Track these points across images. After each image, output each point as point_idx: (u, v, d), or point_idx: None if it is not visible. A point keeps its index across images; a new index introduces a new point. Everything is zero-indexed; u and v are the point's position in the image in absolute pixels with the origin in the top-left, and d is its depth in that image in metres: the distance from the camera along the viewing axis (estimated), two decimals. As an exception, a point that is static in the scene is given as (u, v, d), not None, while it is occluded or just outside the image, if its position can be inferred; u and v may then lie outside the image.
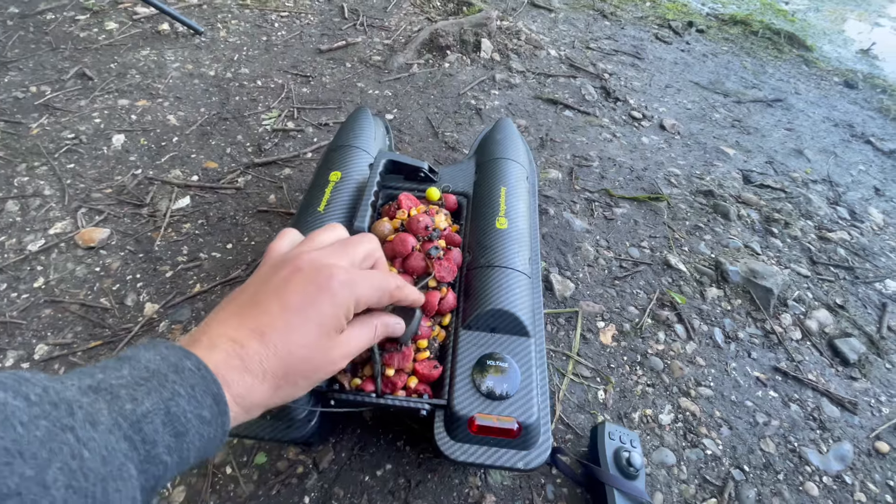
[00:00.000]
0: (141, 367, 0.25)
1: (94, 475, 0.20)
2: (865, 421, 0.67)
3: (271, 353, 0.29)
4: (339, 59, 1.28)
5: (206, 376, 0.26)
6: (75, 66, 1.15)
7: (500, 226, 0.57)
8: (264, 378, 0.29)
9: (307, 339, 0.31)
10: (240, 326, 0.30)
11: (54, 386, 0.21)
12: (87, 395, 0.22)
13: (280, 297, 0.31)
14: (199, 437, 0.26)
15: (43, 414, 0.20)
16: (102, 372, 0.24)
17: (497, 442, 0.44)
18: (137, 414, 0.23)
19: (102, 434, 0.21)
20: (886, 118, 1.37)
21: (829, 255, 0.90)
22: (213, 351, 0.28)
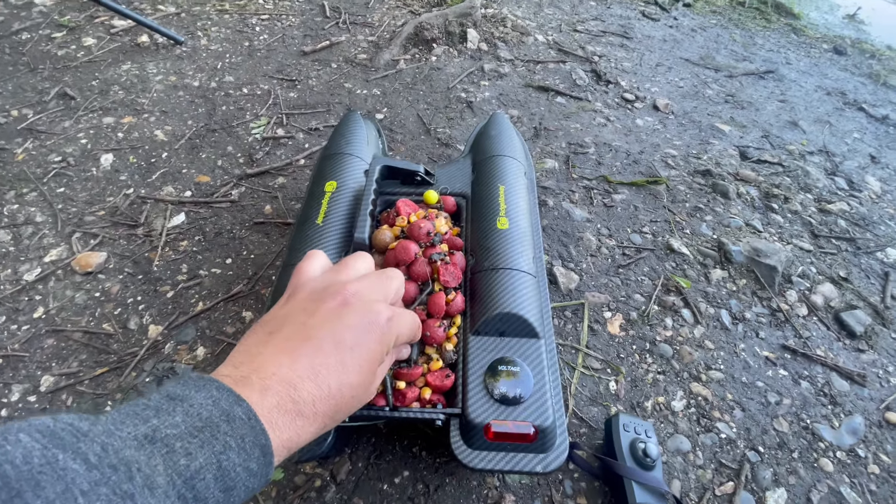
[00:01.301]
0: (194, 413, 0.24)
1: None
2: (875, 392, 0.67)
3: (325, 395, 0.29)
4: (324, 59, 1.25)
5: (255, 426, 0.26)
6: (56, 85, 1.13)
7: (502, 226, 0.57)
8: (315, 419, 0.29)
9: (358, 379, 0.31)
10: (293, 364, 0.29)
11: (113, 444, 0.21)
12: (144, 448, 0.22)
13: (333, 334, 0.31)
14: (245, 490, 0.25)
15: (103, 480, 0.19)
16: (157, 417, 0.24)
17: (514, 447, 0.44)
18: (191, 470, 0.23)
19: (159, 499, 0.21)
20: (877, 84, 1.36)
21: (829, 227, 0.90)
22: (266, 394, 0.27)
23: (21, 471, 0.18)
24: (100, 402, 0.63)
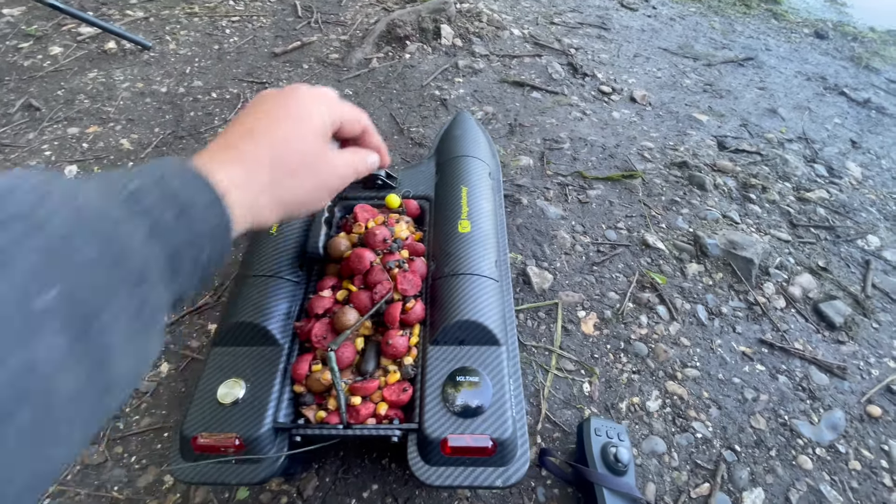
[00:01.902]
0: (121, 170, 0.25)
1: (92, 218, 0.20)
2: (856, 385, 0.66)
3: (263, 144, 0.31)
4: (295, 60, 1.23)
5: (188, 168, 0.27)
6: (21, 97, 1.10)
7: (463, 229, 0.55)
8: (259, 165, 0.31)
9: (293, 133, 0.33)
10: (228, 135, 0.32)
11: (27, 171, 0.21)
12: (64, 178, 0.22)
13: (261, 111, 0.34)
14: (204, 220, 0.26)
15: (30, 174, 0.20)
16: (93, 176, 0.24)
17: (473, 461, 0.42)
18: (130, 188, 0.23)
19: (92, 192, 0.22)
20: (859, 67, 1.35)
21: (808, 216, 0.89)
22: (206, 152, 0.30)
23: None
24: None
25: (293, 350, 0.48)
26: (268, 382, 0.45)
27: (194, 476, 0.43)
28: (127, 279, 0.21)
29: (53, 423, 0.17)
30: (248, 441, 0.42)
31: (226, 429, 0.43)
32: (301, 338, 0.48)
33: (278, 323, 0.48)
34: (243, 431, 0.42)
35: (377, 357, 0.48)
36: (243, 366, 0.46)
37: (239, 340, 0.48)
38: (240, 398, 0.44)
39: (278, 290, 0.50)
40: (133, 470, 0.56)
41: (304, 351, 0.48)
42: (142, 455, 0.57)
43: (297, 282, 0.52)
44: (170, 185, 0.25)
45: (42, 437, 0.17)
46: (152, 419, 0.60)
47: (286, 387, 0.46)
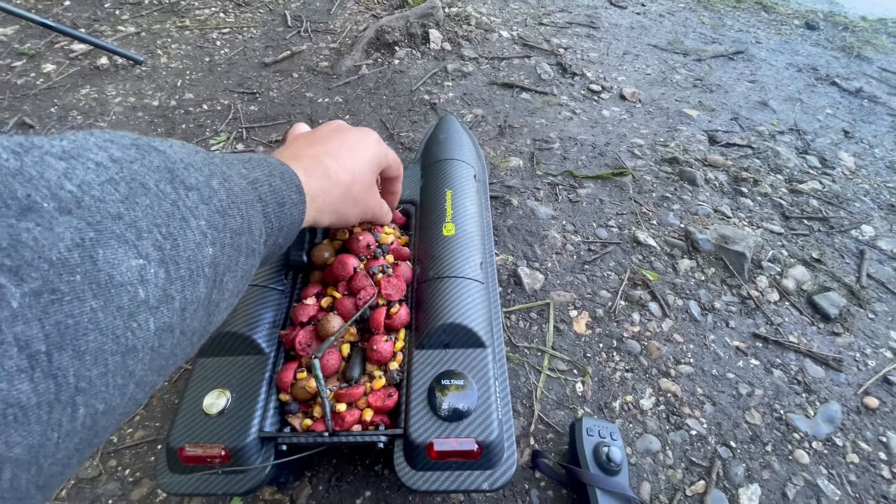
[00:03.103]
0: (240, 154, 0.31)
1: (238, 197, 0.26)
2: (852, 377, 0.66)
3: (342, 167, 0.39)
4: (285, 70, 1.24)
5: (289, 170, 0.33)
6: (15, 115, 1.11)
7: (448, 232, 0.55)
8: (337, 184, 0.38)
9: (363, 167, 0.41)
10: (315, 150, 0.39)
11: (187, 144, 0.26)
12: (216, 156, 0.27)
13: (341, 138, 0.42)
14: (290, 215, 0.32)
15: (194, 150, 0.25)
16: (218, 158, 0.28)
17: (459, 465, 0.42)
18: (251, 177, 0.29)
19: (236, 176, 0.27)
20: (850, 56, 1.34)
21: (801, 207, 0.88)
22: (298, 159, 0.36)
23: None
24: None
25: (278, 359, 0.48)
26: (253, 392, 0.45)
27: (182, 488, 0.43)
28: (247, 249, 0.26)
29: (176, 355, 0.21)
30: (234, 451, 0.42)
31: (212, 439, 0.43)
32: (286, 346, 0.48)
33: (263, 332, 0.48)
34: (229, 441, 0.42)
35: (363, 363, 0.47)
36: (229, 375, 0.46)
37: (224, 350, 0.48)
38: (225, 408, 0.44)
39: (263, 299, 0.50)
40: (127, 483, 0.56)
41: (290, 359, 0.48)
42: (135, 468, 0.57)
43: (282, 290, 0.52)
44: (276, 183, 0.31)
45: (167, 364, 0.21)
46: (146, 431, 0.60)
47: (272, 395, 0.46)
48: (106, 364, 0.16)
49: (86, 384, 0.16)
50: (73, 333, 0.15)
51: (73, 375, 0.15)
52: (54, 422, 0.15)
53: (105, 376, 0.16)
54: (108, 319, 0.16)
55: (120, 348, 0.17)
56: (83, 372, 0.16)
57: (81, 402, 0.16)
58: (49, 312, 0.15)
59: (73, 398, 0.15)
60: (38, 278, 0.15)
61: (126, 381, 0.18)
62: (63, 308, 0.15)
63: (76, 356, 0.15)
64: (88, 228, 0.17)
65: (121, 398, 0.18)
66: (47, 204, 0.16)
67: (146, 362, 0.19)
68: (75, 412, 0.16)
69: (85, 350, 0.16)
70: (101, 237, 0.17)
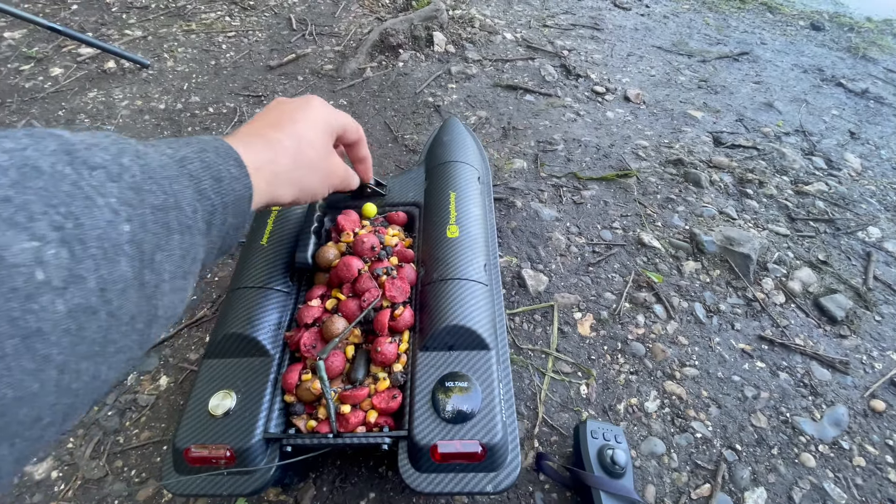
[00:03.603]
0: (165, 141, 0.29)
1: (158, 173, 0.25)
2: (858, 380, 0.65)
3: (285, 135, 0.37)
4: (290, 73, 1.24)
5: (224, 144, 0.31)
6: (23, 118, 1.12)
7: (452, 234, 0.55)
8: (283, 152, 0.36)
9: (311, 132, 0.40)
10: (255, 126, 0.38)
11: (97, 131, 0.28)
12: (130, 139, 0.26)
13: (281, 112, 0.40)
14: (233, 191, 0.30)
15: (103, 134, 0.24)
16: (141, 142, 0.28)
17: (463, 467, 0.42)
18: (178, 155, 0.28)
19: (155, 154, 0.26)
20: (856, 57, 1.34)
21: (807, 209, 0.88)
22: (235, 136, 0.35)
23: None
24: (63, 437, 0.61)
25: (284, 360, 0.48)
26: (258, 393, 0.45)
27: (188, 489, 0.43)
28: (179, 226, 0.25)
29: (112, 340, 0.20)
30: (239, 452, 0.42)
31: (217, 440, 0.43)
32: (291, 347, 0.49)
33: (268, 333, 0.48)
34: (234, 442, 0.43)
35: (367, 365, 0.48)
36: (234, 377, 0.46)
37: (230, 352, 0.48)
38: (231, 409, 0.44)
39: (268, 300, 0.50)
40: (133, 483, 0.57)
41: (295, 361, 0.48)
42: (141, 468, 0.58)
43: (287, 292, 0.52)
44: (208, 157, 0.30)
45: (103, 350, 0.20)
46: (151, 432, 0.61)
47: (277, 397, 0.46)
48: (3, 348, 0.16)
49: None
50: None
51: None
52: None
53: (3, 359, 0.16)
54: (0, 302, 0.16)
55: (18, 331, 0.17)
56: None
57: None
58: None
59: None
60: None
61: (39, 365, 0.17)
62: None
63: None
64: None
65: (39, 384, 0.17)
66: None
67: (63, 346, 0.18)
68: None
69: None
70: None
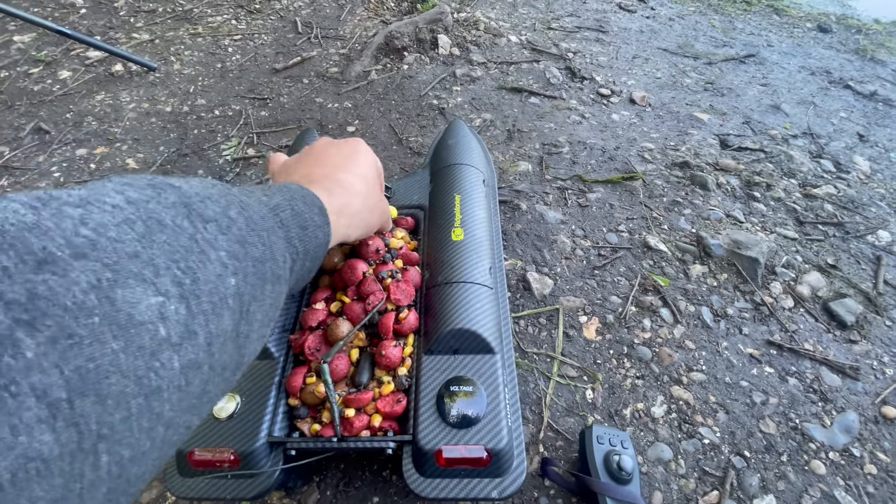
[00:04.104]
0: (259, 188, 0.31)
1: (259, 224, 0.26)
2: (869, 386, 0.64)
3: (355, 178, 0.40)
4: (295, 76, 1.25)
5: (310, 193, 0.34)
6: (31, 121, 1.13)
7: (456, 237, 0.55)
8: (356, 195, 0.39)
9: (370, 175, 0.42)
10: (322, 169, 0.40)
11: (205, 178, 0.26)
12: (233, 187, 0.27)
13: (338, 150, 0.42)
14: (315, 238, 0.32)
15: (211, 184, 0.25)
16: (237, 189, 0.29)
17: (468, 472, 0.42)
18: (272, 203, 0.30)
19: (255, 204, 0.27)
20: (864, 59, 1.33)
21: (816, 212, 0.87)
22: (313, 182, 0.37)
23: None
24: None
25: (287, 363, 0.48)
26: (262, 396, 0.45)
27: (192, 491, 0.43)
28: (273, 276, 0.26)
29: (207, 391, 0.21)
30: (243, 455, 0.42)
31: (221, 443, 0.43)
32: (295, 350, 0.48)
33: (273, 336, 0.48)
34: (238, 446, 0.42)
35: (371, 368, 0.47)
36: (238, 379, 0.46)
37: (234, 355, 0.48)
38: (234, 412, 0.44)
39: (273, 303, 0.50)
40: (136, 486, 0.57)
41: (299, 364, 0.48)
42: (145, 471, 0.58)
43: (292, 295, 0.52)
44: (297, 206, 0.32)
45: (199, 402, 0.20)
46: (155, 435, 0.61)
47: (281, 400, 0.46)
48: (129, 408, 0.16)
49: (108, 430, 0.15)
50: (94, 378, 0.15)
51: (96, 422, 0.15)
52: (76, 472, 0.14)
53: (128, 420, 0.16)
54: (129, 360, 0.16)
55: (143, 390, 0.16)
56: (105, 417, 0.15)
57: (104, 449, 0.15)
58: (68, 358, 0.14)
59: (95, 446, 0.15)
60: (52, 325, 0.14)
61: (153, 423, 0.17)
62: (83, 352, 0.15)
63: (98, 401, 0.15)
64: (105, 269, 0.17)
65: (150, 442, 0.17)
66: (62, 252, 0.16)
67: (174, 402, 0.18)
68: (97, 461, 0.15)
69: (107, 394, 0.15)
70: (118, 277, 0.17)
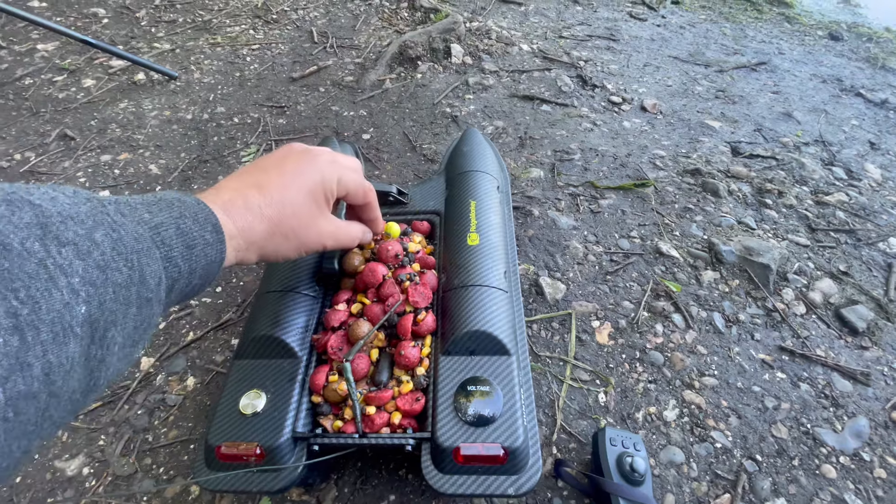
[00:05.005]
0: (149, 196, 0.30)
1: (129, 247, 0.24)
2: (880, 392, 0.64)
3: (267, 202, 0.36)
4: (312, 84, 1.28)
5: (204, 209, 0.32)
6: (57, 127, 1.17)
7: (472, 242, 0.56)
8: (262, 219, 0.36)
9: (298, 198, 0.38)
10: (242, 182, 0.37)
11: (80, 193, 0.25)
12: (110, 204, 0.26)
13: (277, 166, 0.39)
14: (205, 256, 0.30)
15: (84, 200, 0.24)
16: (116, 201, 0.28)
17: (485, 470, 0.43)
18: (154, 222, 0.28)
19: (131, 224, 0.26)
20: (875, 67, 1.33)
21: (827, 220, 0.87)
22: (219, 194, 0.35)
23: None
24: (93, 436, 0.64)
25: (311, 362, 0.50)
26: (287, 393, 0.47)
27: (218, 485, 0.45)
28: (139, 300, 0.25)
29: (49, 417, 0.20)
30: (268, 450, 0.44)
31: (247, 438, 0.44)
32: (318, 350, 0.50)
33: (296, 336, 0.50)
34: (264, 440, 0.44)
35: (390, 368, 0.49)
36: (264, 377, 0.48)
37: (259, 353, 0.50)
38: (260, 409, 0.46)
39: (296, 304, 0.52)
40: (161, 481, 0.59)
41: (321, 362, 0.50)
42: (170, 466, 0.60)
43: (314, 296, 0.54)
44: (185, 224, 0.30)
45: (38, 428, 0.19)
46: (179, 431, 0.63)
47: (304, 397, 0.47)
48: None
49: None
50: None
51: None
52: None
53: None
54: None
55: None
56: None
57: None
58: None
59: None
60: None
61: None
62: None
63: None
64: None
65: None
66: None
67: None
68: None
69: None
70: None
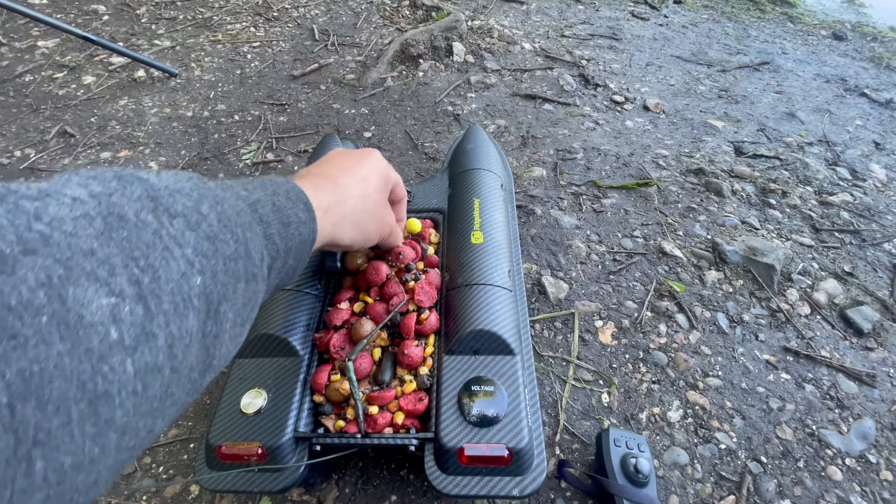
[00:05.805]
0: (241, 182, 0.30)
1: (233, 220, 0.25)
2: (886, 393, 0.64)
3: (351, 179, 0.39)
4: (313, 82, 1.27)
5: (295, 187, 0.33)
6: (57, 124, 1.16)
7: (476, 240, 0.56)
8: (350, 196, 0.38)
9: (373, 177, 0.42)
10: (321, 169, 0.40)
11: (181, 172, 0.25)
12: (210, 181, 0.26)
13: (344, 155, 0.43)
14: (298, 235, 0.31)
15: (186, 178, 0.24)
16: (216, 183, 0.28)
17: (490, 470, 0.43)
18: (252, 199, 0.29)
19: (232, 199, 0.26)
20: (879, 67, 1.32)
21: (832, 220, 0.87)
22: (304, 177, 0.37)
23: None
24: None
25: (313, 361, 0.49)
26: (289, 392, 0.46)
27: (219, 484, 0.44)
28: (246, 274, 0.25)
29: (170, 394, 0.20)
30: (269, 449, 0.43)
31: (249, 437, 0.44)
32: (320, 349, 0.50)
33: (298, 334, 0.50)
34: (265, 440, 0.44)
35: (393, 367, 0.48)
36: (265, 376, 0.48)
37: (261, 352, 0.49)
38: (262, 408, 0.45)
39: (298, 303, 0.52)
40: (161, 480, 0.58)
41: (324, 362, 0.49)
42: (169, 465, 0.59)
43: (317, 295, 0.54)
44: (279, 201, 0.30)
45: (161, 406, 0.19)
46: (179, 430, 0.62)
47: (306, 397, 0.47)
48: (69, 413, 0.15)
49: (44, 436, 0.14)
50: (37, 382, 0.14)
51: (34, 427, 0.14)
52: (8, 478, 0.13)
53: (68, 426, 0.15)
54: (74, 364, 0.15)
55: (87, 395, 0.15)
56: (43, 423, 0.14)
57: (39, 455, 0.14)
58: (10, 360, 0.13)
59: (29, 452, 0.14)
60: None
61: (100, 429, 0.16)
62: (27, 354, 0.14)
63: (39, 406, 0.14)
64: (57, 266, 0.16)
65: (99, 448, 0.16)
66: (11, 249, 0.15)
67: (128, 407, 0.17)
68: (31, 467, 0.14)
69: (48, 399, 0.14)
70: (71, 274, 0.16)
